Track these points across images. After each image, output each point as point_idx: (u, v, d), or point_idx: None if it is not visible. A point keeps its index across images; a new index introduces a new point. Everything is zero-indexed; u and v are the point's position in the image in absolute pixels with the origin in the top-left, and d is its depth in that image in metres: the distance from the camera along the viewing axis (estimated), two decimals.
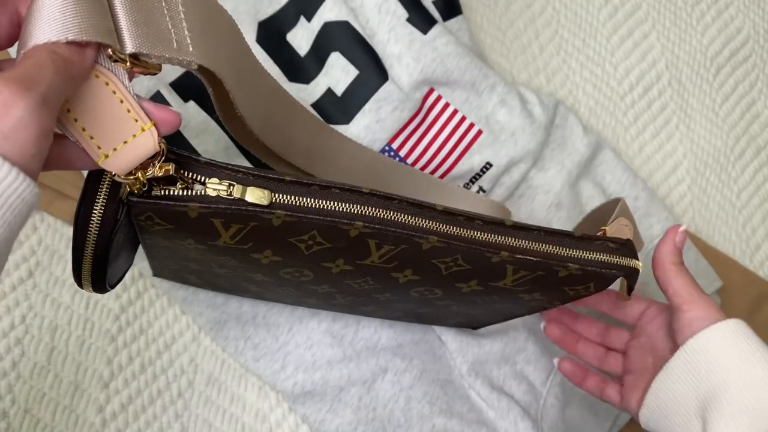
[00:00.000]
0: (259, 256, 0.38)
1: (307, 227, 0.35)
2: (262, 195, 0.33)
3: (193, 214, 0.33)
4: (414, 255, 0.37)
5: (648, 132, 0.70)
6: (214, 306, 0.55)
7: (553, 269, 0.38)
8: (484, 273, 0.39)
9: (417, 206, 0.36)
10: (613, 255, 0.39)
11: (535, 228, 0.38)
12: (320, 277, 0.42)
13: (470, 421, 0.56)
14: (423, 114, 0.59)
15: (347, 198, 0.35)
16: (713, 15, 0.73)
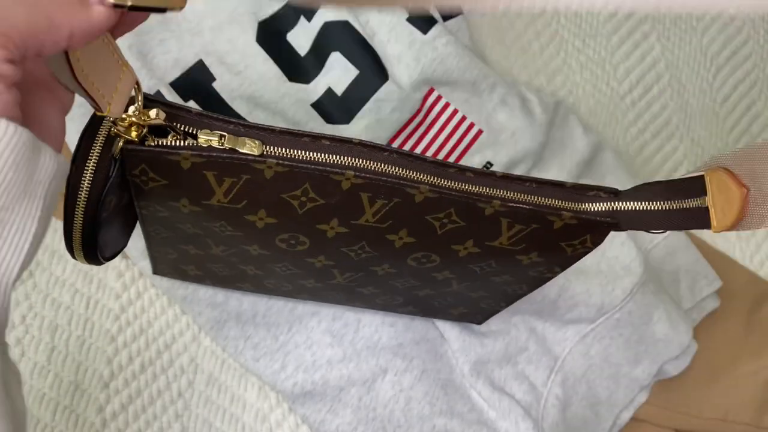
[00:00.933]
0: (253, 218, 0.38)
1: (299, 179, 0.35)
2: (253, 145, 0.34)
3: (185, 164, 0.34)
4: (407, 210, 0.37)
5: (648, 132, 0.70)
6: (214, 305, 0.55)
7: (547, 219, 0.38)
8: (478, 230, 0.39)
9: (408, 156, 0.36)
10: (606, 203, 0.38)
11: (526, 179, 0.38)
12: (316, 244, 0.41)
13: (471, 421, 0.56)
14: (423, 114, 0.59)
15: (338, 149, 0.35)
16: (713, 15, 0.73)
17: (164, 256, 0.48)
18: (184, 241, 0.44)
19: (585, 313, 0.58)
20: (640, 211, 0.38)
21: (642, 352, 0.60)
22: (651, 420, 0.62)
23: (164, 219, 0.40)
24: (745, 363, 0.64)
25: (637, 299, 0.59)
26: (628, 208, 0.38)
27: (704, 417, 0.63)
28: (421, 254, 0.42)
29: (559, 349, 0.59)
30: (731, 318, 0.66)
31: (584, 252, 0.41)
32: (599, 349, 0.59)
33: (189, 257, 0.47)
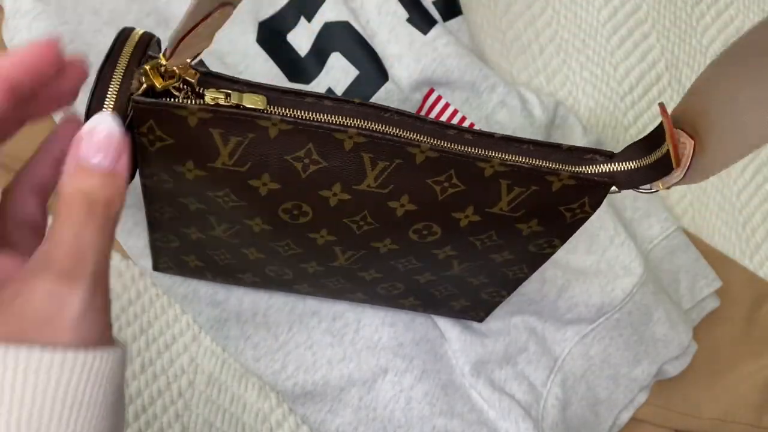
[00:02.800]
0: (257, 183, 0.39)
1: (303, 139, 0.36)
2: (258, 99, 0.35)
3: (192, 120, 0.34)
4: (408, 173, 0.38)
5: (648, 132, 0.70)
6: (215, 303, 0.55)
7: (546, 180, 0.38)
8: (479, 194, 0.39)
9: (408, 117, 0.37)
10: (602, 165, 0.39)
11: (525, 141, 0.39)
12: (319, 214, 0.42)
13: (471, 421, 0.56)
14: (423, 114, 0.59)
15: (340, 110, 0.36)
16: (713, 15, 0.73)
17: (166, 244, 0.48)
18: (186, 223, 0.44)
19: (585, 314, 0.58)
20: (633, 170, 0.39)
21: (642, 353, 0.60)
22: (651, 420, 0.62)
23: (168, 192, 0.41)
24: (745, 363, 0.65)
25: (636, 300, 0.59)
26: (623, 168, 0.39)
27: (704, 417, 0.63)
28: (423, 225, 0.42)
29: (558, 349, 0.59)
30: (731, 318, 0.66)
31: (583, 217, 0.42)
32: (599, 349, 0.59)
33: (191, 244, 0.47)
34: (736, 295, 0.66)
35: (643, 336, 0.60)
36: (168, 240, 0.48)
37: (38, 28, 0.52)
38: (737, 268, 0.68)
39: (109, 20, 0.55)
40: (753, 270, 0.69)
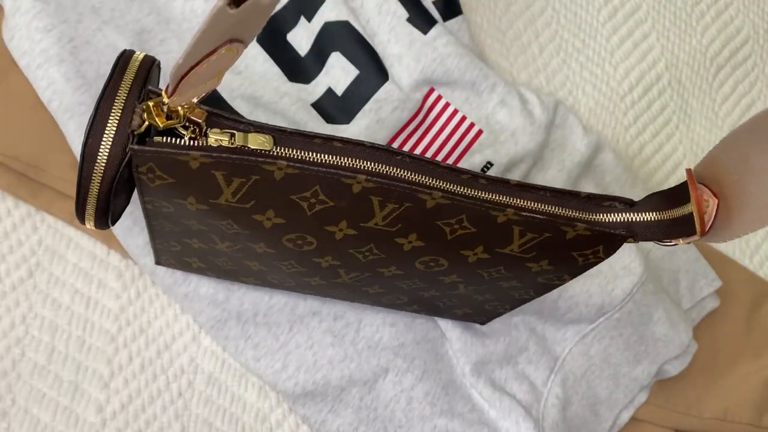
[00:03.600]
0: (261, 218, 0.38)
1: (310, 181, 0.34)
2: (264, 140, 0.34)
3: (194, 164, 0.33)
4: (418, 215, 0.37)
5: (648, 132, 0.70)
6: (215, 303, 0.55)
7: (561, 229, 0.37)
8: (489, 236, 0.38)
9: (421, 162, 0.36)
10: (621, 214, 0.38)
11: (540, 188, 0.37)
12: (324, 245, 0.41)
13: (472, 421, 0.56)
14: (423, 114, 0.59)
15: (350, 152, 0.35)
16: (713, 15, 0.73)
17: (167, 248, 0.48)
18: (188, 236, 0.44)
19: (585, 313, 0.58)
20: (654, 222, 0.37)
21: (642, 352, 0.60)
22: (651, 420, 0.62)
23: (169, 214, 0.40)
24: (745, 363, 0.65)
25: (636, 299, 0.59)
26: (643, 219, 0.38)
27: (704, 417, 0.63)
28: (430, 258, 0.41)
29: (559, 349, 0.59)
30: (731, 318, 0.66)
31: (596, 262, 0.40)
32: (599, 349, 0.59)
33: (192, 250, 0.47)
34: (736, 295, 0.66)
35: (644, 336, 0.60)
36: (169, 245, 0.47)
37: (37, 27, 0.52)
38: (737, 267, 0.68)
39: (108, 19, 0.54)
40: (753, 270, 0.69)
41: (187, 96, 0.32)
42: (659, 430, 0.63)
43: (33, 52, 0.52)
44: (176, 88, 0.30)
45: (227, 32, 0.28)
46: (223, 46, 0.29)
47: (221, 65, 0.31)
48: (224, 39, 0.29)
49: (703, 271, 0.64)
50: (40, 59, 0.52)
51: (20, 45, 0.52)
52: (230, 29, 0.28)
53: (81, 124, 0.52)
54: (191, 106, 0.33)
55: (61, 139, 0.54)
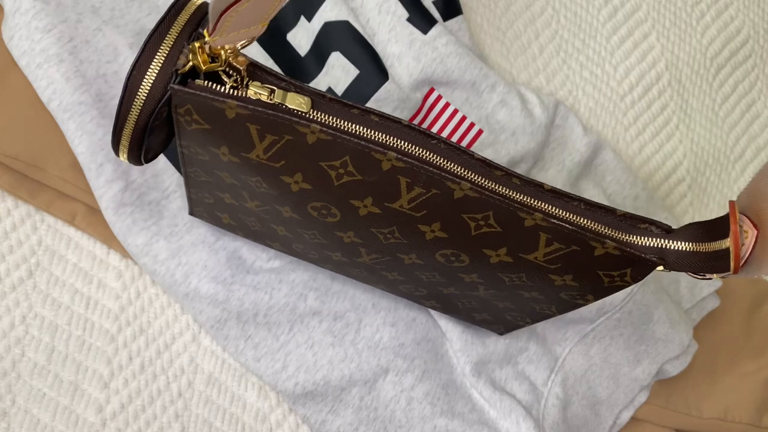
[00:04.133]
0: (289, 180, 0.37)
1: (340, 150, 0.34)
2: (303, 101, 0.33)
3: (230, 114, 0.33)
4: (444, 204, 0.36)
5: (648, 132, 0.70)
6: (216, 303, 0.55)
7: (589, 245, 0.36)
8: (515, 239, 0.37)
9: (455, 150, 0.35)
10: (656, 239, 0.36)
11: (576, 198, 0.36)
12: (347, 219, 0.40)
13: (472, 421, 0.56)
14: (423, 114, 0.59)
15: (385, 128, 0.34)
16: (713, 15, 0.73)
17: (201, 199, 0.47)
18: (220, 189, 0.43)
19: (585, 313, 0.58)
20: (688, 252, 0.36)
21: (642, 352, 0.60)
22: (651, 420, 0.62)
23: (204, 162, 0.40)
24: (745, 363, 0.65)
25: (637, 299, 0.59)
26: (677, 247, 0.36)
27: (704, 417, 0.63)
28: (451, 252, 0.40)
29: (559, 348, 0.59)
30: (731, 318, 0.66)
31: (622, 285, 0.39)
32: (599, 348, 0.59)
33: (224, 205, 0.46)
34: (737, 295, 0.66)
35: (644, 335, 0.60)
36: (203, 196, 0.47)
37: (37, 27, 0.52)
38: None
39: (108, 19, 0.54)
40: None
41: (229, 38, 0.32)
42: (659, 429, 0.63)
43: (33, 52, 0.52)
44: (216, 25, 0.30)
45: None
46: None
47: (264, 8, 0.31)
48: None
49: None
50: (39, 59, 0.52)
51: (20, 45, 0.52)
52: None
53: (81, 124, 0.52)
54: (234, 51, 0.33)
55: (61, 139, 0.54)
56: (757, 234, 0.33)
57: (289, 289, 0.56)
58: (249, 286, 0.55)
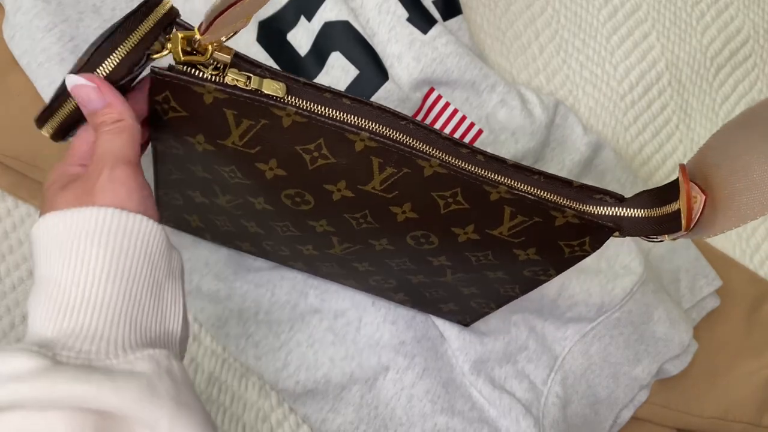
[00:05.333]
0: (264, 167, 0.39)
1: (315, 133, 0.36)
2: (278, 87, 0.35)
3: (208, 98, 0.35)
4: (415, 182, 0.37)
5: (648, 132, 0.70)
6: (217, 301, 0.55)
7: (550, 214, 0.38)
8: (481, 215, 0.39)
9: (424, 129, 0.37)
10: (611, 208, 0.39)
11: (536, 171, 0.38)
12: (320, 205, 0.41)
13: (472, 419, 0.56)
14: (423, 113, 0.59)
15: (357, 110, 0.36)
16: (713, 15, 0.73)
17: (170, 201, 0.48)
18: (192, 186, 0.44)
19: (585, 312, 0.58)
20: (641, 218, 0.38)
21: (642, 351, 0.60)
22: (651, 419, 0.62)
23: (177, 157, 0.41)
24: (745, 362, 0.65)
25: (636, 298, 0.59)
26: (630, 214, 0.38)
27: (704, 416, 0.63)
28: (421, 233, 0.42)
29: (559, 348, 0.59)
30: (731, 317, 0.66)
31: (582, 255, 0.41)
32: (599, 348, 0.59)
33: (194, 206, 0.47)
34: (737, 295, 0.66)
35: (644, 335, 0.60)
36: (172, 197, 0.48)
37: (38, 26, 0.52)
38: (737, 267, 0.68)
39: (109, 18, 0.55)
40: (753, 269, 0.69)
41: (218, 35, 0.33)
42: (660, 429, 0.63)
43: (34, 51, 0.52)
44: (210, 25, 0.32)
45: None
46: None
47: (252, 8, 0.32)
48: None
49: (703, 270, 0.64)
50: (41, 58, 0.52)
51: (21, 44, 0.52)
52: None
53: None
54: (220, 43, 0.34)
55: None
56: (705, 198, 0.36)
57: (290, 287, 0.56)
58: (250, 284, 0.55)
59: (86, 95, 0.35)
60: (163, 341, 0.35)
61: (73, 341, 0.31)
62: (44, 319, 0.32)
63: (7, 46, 0.54)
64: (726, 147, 0.36)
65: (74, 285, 0.32)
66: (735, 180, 0.35)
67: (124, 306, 0.33)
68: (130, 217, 0.33)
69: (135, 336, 0.33)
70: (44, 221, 0.34)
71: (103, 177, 0.34)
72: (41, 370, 0.29)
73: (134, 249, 0.33)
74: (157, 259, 0.34)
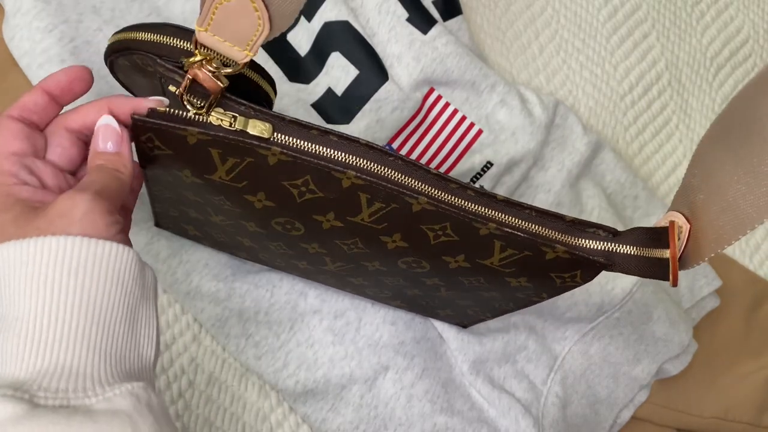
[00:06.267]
0: (252, 198, 0.39)
1: (301, 170, 0.35)
2: (264, 128, 0.34)
3: (192, 140, 0.34)
4: (403, 217, 0.37)
5: (648, 132, 0.70)
6: (217, 301, 0.55)
7: (540, 249, 0.38)
8: (471, 247, 0.39)
9: (412, 165, 0.36)
10: (603, 242, 0.38)
11: (527, 206, 0.38)
12: (311, 232, 0.41)
13: (471, 419, 0.56)
14: (423, 114, 0.59)
15: (344, 147, 0.35)
16: (713, 15, 0.73)
17: (166, 212, 0.48)
18: (185, 205, 0.45)
19: (584, 312, 0.58)
20: (633, 255, 0.38)
21: (642, 351, 0.60)
22: (651, 419, 0.62)
23: (167, 182, 0.41)
24: (745, 362, 0.65)
25: (636, 298, 0.59)
26: (623, 251, 0.38)
27: (704, 416, 0.63)
28: (412, 259, 0.42)
29: (558, 347, 0.59)
30: (731, 317, 0.66)
31: (573, 285, 0.41)
32: (599, 348, 0.59)
33: (190, 219, 0.48)
34: (736, 295, 0.66)
35: (643, 335, 0.60)
36: (168, 210, 0.48)
37: (38, 27, 0.52)
38: (737, 267, 0.68)
39: (109, 19, 0.55)
40: (753, 269, 0.69)
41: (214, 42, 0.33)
42: (660, 429, 0.63)
43: (34, 52, 0.52)
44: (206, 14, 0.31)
45: None
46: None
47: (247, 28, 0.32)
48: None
49: (703, 270, 0.64)
50: (41, 59, 0.52)
51: (21, 45, 0.52)
52: None
53: None
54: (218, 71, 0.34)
55: None
56: (690, 228, 0.36)
57: (290, 287, 0.56)
58: (250, 284, 0.55)
59: (108, 135, 0.36)
60: (138, 370, 0.34)
61: (48, 380, 0.30)
62: (15, 359, 0.30)
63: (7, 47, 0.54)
64: (702, 166, 0.35)
65: (45, 320, 0.31)
66: (712, 202, 0.34)
67: (98, 338, 0.31)
68: (99, 245, 0.32)
69: (111, 369, 0.32)
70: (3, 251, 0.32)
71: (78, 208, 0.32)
72: (19, 416, 0.28)
73: (106, 278, 0.32)
74: (131, 285, 0.33)
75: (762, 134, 0.31)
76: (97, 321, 0.31)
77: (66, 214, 0.32)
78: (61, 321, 0.31)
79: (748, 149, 0.32)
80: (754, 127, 0.32)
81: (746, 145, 0.32)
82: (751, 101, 0.33)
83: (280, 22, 0.33)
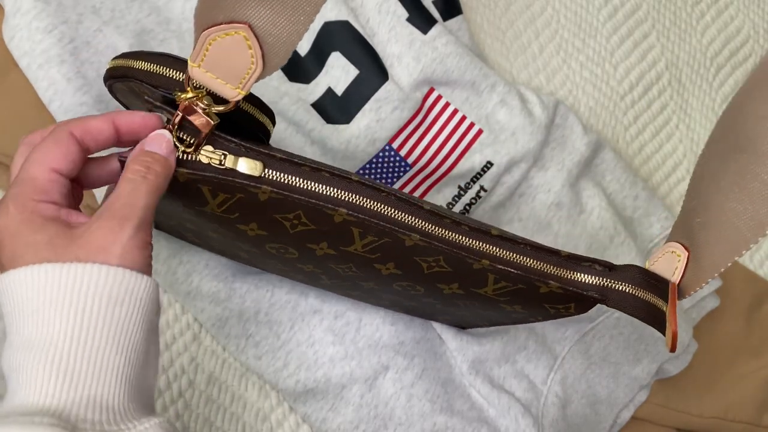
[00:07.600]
0: (245, 227, 0.39)
1: (293, 206, 0.35)
2: (254, 166, 0.34)
3: (182, 178, 0.34)
4: (396, 249, 0.37)
5: (648, 132, 0.70)
6: (217, 301, 0.55)
7: (534, 284, 0.38)
8: (465, 278, 0.39)
9: (405, 202, 0.36)
10: (598, 277, 0.38)
11: (521, 241, 0.38)
12: (305, 256, 0.42)
13: (471, 419, 0.56)
14: (423, 113, 0.59)
15: (336, 183, 0.35)
16: (713, 15, 0.73)
17: (165, 220, 0.49)
18: (182, 222, 0.45)
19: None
20: (627, 294, 0.37)
21: (642, 351, 0.60)
22: (651, 419, 0.62)
23: (162, 206, 0.42)
24: (745, 362, 0.65)
25: None
26: (618, 287, 0.38)
27: (704, 416, 0.63)
28: (407, 283, 0.43)
29: (558, 347, 0.59)
30: (731, 317, 0.66)
31: (567, 315, 0.41)
32: (599, 347, 0.59)
33: (187, 229, 0.48)
34: (737, 295, 0.66)
35: (643, 334, 0.60)
36: (166, 220, 0.48)
37: (38, 28, 0.52)
38: (737, 267, 0.68)
39: (109, 20, 0.55)
40: (753, 269, 0.69)
41: (207, 78, 0.33)
42: (660, 429, 0.63)
43: (34, 53, 0.52)
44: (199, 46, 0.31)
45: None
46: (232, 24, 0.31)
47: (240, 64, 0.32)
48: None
49: None
50: (40, 60, 0.52)
51: (21, 45, 0.52)
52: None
53: None
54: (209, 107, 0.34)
55: None
56: (688, 256, 0.35)
57: (290, 287, 0.56)
58: (250, 284, 0.55)
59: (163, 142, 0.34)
60: (148, 398, 0.34)
61: (84, 411, 0.30)
62: (44, 385, 0.30)
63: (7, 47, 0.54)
64: (700, 187, 0.35)
65: (81, 349, 0.30)
66: (709, 225, 0.34)
67: (126, 371, 0.32)
68: (135, 279, 0.32)
69: (135, 401, 0.32)
70: (35, 274, 0.31)
71: (118, 245, 0.32)
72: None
73: (137, 310, 0.32)
74: (152, 317, 0.33)
75: (751, 148, 0.31)
76: (125, 353, 0.31)
77: (107, 248, 0.32)
78: (95, 351, 0.31)
79: (740, 164, 0.32)
80: (743, 141, 0.32)
81: (738, 160, 0.32)
82: (739, 114, 0.33)
83: (273, 60, 0.32)
